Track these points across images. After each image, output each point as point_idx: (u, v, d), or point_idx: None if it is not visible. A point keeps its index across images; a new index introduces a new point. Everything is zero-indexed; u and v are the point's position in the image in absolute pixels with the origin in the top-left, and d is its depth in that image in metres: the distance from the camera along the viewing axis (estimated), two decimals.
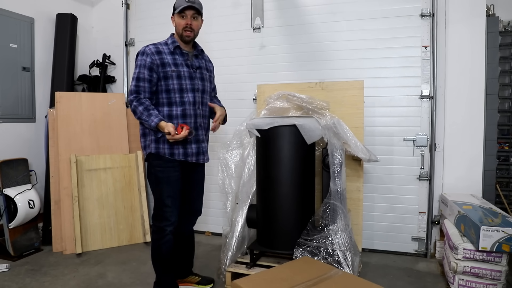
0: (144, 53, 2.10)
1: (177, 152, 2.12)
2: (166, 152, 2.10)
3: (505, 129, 3.54)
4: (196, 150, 2.18)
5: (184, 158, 2.14)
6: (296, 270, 1.90)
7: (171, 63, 2.11)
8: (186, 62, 2.17)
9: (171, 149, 2.11)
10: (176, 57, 2.15)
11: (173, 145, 2.10)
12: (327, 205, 2.33)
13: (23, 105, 3.42)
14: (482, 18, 2.81)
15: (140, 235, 3.34)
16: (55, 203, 3.13)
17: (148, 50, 2.10)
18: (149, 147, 2.13)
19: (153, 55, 2.09)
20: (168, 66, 2.10)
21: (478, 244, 2.10)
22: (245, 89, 3.30)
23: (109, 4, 4.01)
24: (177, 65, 2.13)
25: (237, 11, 3.32)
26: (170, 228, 2.15)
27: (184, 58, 2.17)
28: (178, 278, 2.39)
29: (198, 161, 2.21)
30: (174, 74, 2.10)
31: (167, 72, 2.10)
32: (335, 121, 2.47)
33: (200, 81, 2.21)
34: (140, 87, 2.06)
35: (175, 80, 2.11)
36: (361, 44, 3.01)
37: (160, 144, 2.10)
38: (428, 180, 2.90)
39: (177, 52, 2.16)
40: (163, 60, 2.10)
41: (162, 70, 2.09)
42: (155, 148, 2.11)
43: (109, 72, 3.99)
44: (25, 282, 2.51)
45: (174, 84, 2.11)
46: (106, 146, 3.35)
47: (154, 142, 2.11)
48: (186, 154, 2.14)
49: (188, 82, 2.15)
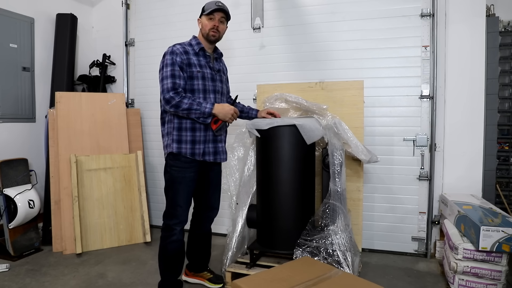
0: (173, 52, 2.11)
1: (198, 152, 2.15)
2: (187, 152, 2.13)
3: (505, 129, 3.54)
4: (213, 150, 2.22)
5: (203, 158, 2.18)
6: (296, 270, 1.90)
7: (196, 63, 2.16)
8: (208, 64, 2.23)
9: (192, 149, 2.14)
10: (200, 58, 2.20)
11: (194, 145, 2.14)
12: (327, 205, 2.33)
13: (23, 105, 3.42)
14: (482, 18, 2.81)
15: (140, 235, 3.34)
16: (55, 203, 3.13)
17: (177, 50, 2.12)
18: (170, 146, 2.15)
19: (182, 54, 2.12)
20: (194, 66, 2.14)
21: (478, 244, 2.10)
22: (245, 89, 3.29)
23: (109, 4, 4.01)
24: (201, 66, 2.18)
25: (237, 11, 3.31)
26: (179, 227, 2.20)
27: (207, 60, 2.23)
28: (193, 271, 2.49)
29: (216, 160, 2.26)
30: (200, 75, 2.15)
31: (193, 73, 2.14)
32: (336, 121, 2.47)
33: (220, 83, 2.29)
34: (176, 83, 2.07)
35: (200, 81, 2.15)
36: (361, 44, 3.01)
37: (182, 144, 2.13)
38: (428, 180, 2.90)
39: (200, 54, 2.21)
40: (190, 61, 2.14)
41: (189, 70, 2.13)
42: (177, 148, 2.13)
43: (109, 72, 3.99)
44: (25, 282, 2.52)
45: (199, 85, 2.15)
46: (106, 146, 3.35)
47: (176, 142, 2.13)
48: (205, 153, 2.18)
49: (211, 84, 2.20)
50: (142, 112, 3.74)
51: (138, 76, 3.80)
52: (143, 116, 3.74)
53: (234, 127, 2.97)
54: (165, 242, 2.21)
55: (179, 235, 2.21)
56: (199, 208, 2.40)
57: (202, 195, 2.36)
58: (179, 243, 2.23)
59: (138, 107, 3.79)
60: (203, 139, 2.17)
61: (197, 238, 2.43)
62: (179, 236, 2.21)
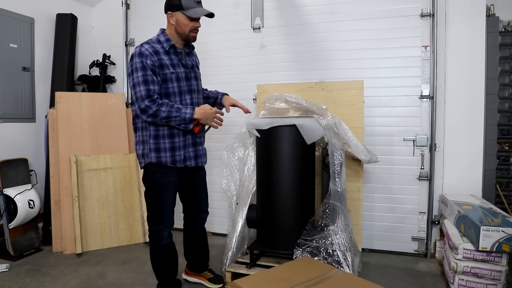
0: (142, 54, 1.94)
1: (178, 158, 2.06)
2: (168, 161, 2.03)
3: (505, 129, 3.54)
4: (193, 154, 2.14)
5: (184, 164, 2.10)
6: (296, 270, 1.90)
7: (168, 64, 2.00)
8: (181, 61, 2.07)
9: (172, 157, 2.04)
10: (172, 57, 2.04)
11: (174, 152, 2.04)
12: (327, 205, 2.33)
13: (23, 105, 3.42)
14: (482, 18, 2.80)
15: (140, 235, 3.34)
16: (55, 203, 3.13)
17: (145, 51, 1.95)
18: (148, 156, 2.03)
19: (152, 55, 1.95)
20: (167, 68, 1.99)
21: (478, 244, 2.10)
22: (245, 89, 3.29)
23: (109, 4, 4.01)
24: (174, 66, 2.03)
25: (237, 11, 3.32)
26: (166, 232, 2.15)
27: (179, 58, 2.07)
28: (194, 271, 2.47)
29: (197, 164, 2.19)
30: (174, 76, 2.01)
31: (167, 75, 1.99)
32: (336, 121, 2.48)
33: (194, 81, 2.15)
34: (150, 90, 1.92)
35: (175, 83, 2.02)
36: (361, 44, 3.01)
37: (162, 153, 2.02)
38: (428, 180, 2.90)
39: (171, 52, 2.05)
40: (161, 62, 1.99)
41: (161, 72, 1.98)
42: (156, 158, 2.02)
43: (109, 72, 3.99)
44: (25, 282, 2.51)
45: (174, 87, 2.02)
46: (106, 146, 3.35)
47: (154, 151, 2.02)
48: (185, 159, 2.10)
49: (185, 84, 2.07)
50: None
51: None
52: None
53: (234, 127, 2.98)
54: (156, 247, 2.16)
55: (167, 239, 2.15)
56: (189, 212, 2.34)
57: (190, 199, 2.30)
58: (169, 246, 2.19)
59: None
60: (183, 144, 2.06)
61: (193, 240, 2.39)
62: (167, 240, 2.16)
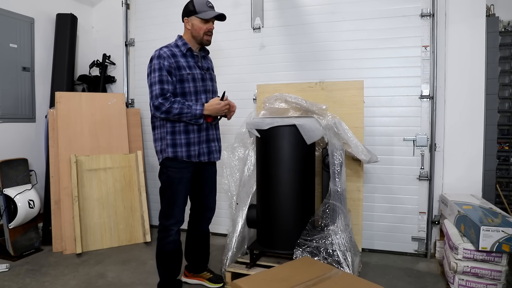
0: (160, 56, 2.09)
1: (193, 153, 2.16)
2: (184, 155, 2.14)
3: (505, 129, 3.54)
4: (207, 150, 2.23)
5: (198, 159, 2.19)
6: (296, 270, 1.90)
7: (185, 66, 2.14)
8: (197, 64, 2.21)
9: (188, 151, 2.14)
10: (189, 59, 2.18)
11: (189, 148, 2.14)
12: (327, 205, 2.33)
13: (23, 105, 3.42)
14: (482, 18, 2.81)
15: (140, 235, 3.34)
16: (55, 203, 3.13)
17: (163, 54, 2.10)
18: (165, 151, 2.15)
19: (169, 58, 2.10)
20: (184, 69, 2.13)
21: (478, 244, 2.10)
22: (245, 89, 3.29)
23: (109, 4, 4.01)
24: (191, 67, 2.16)
25: (237, 11, 3.31)
26: (176, 227, 2.21)
27: (195, 60, 2.21)
28: (193, 272, 2.49)
29: (210, 160, 2.27)
30: (190, 77, 2.14)
31: (183, 75, 2.12)
32: (336, 121, 2.48)
33: (210, 82, 2.28)
34: (164, 89, 2.06)
35: (191, 83, 2.15)
36: (361, 44, 3.01)
37: (178, 148, 2.13)
38: (428, 180, 2.90)
39: (188, 55, 2.19)
40: (178, 63, 2.12)
41: (178, 73, 2.11)
42: (173, 152, 2.13)
43: (109, 72, 3.99)
44: (25, 282, 2.51)
45: (190, 87, 2.15)
46: (106, 146, 3.35)
47: (171, 146, 2.13)
48: (200, 154, 2.19)
49: (201, 84, 2.20)
50: (142, 112, 3.74)
51: (138, 76, 3.80)
52: (143, 116, 3.74)
53: (234, 127, 2.97)
54: (162, 243, 2.23)
55: (175, 235, 2.22)
56: (196, 209, 2.41)
57: (198, 195, 2.37)
58: (176, 243, 2.25)
59: (138, 107, 3.79)
60: (197, 140, 2.17)
61: (196, 238, 2.43)
62: (175, 237, 2.23)
